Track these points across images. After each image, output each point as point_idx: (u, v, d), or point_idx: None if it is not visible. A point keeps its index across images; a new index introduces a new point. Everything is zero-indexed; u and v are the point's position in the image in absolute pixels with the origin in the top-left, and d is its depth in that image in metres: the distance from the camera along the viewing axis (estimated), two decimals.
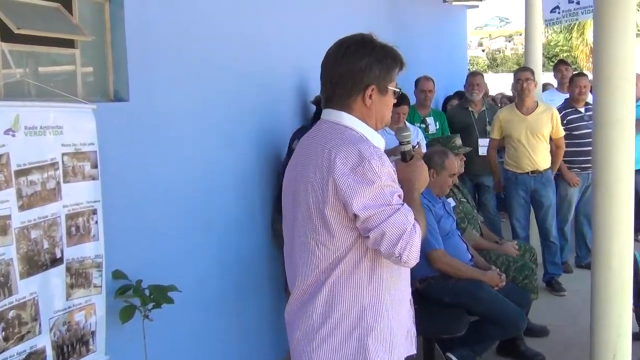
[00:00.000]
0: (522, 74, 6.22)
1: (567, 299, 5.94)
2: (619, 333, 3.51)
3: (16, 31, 2.59)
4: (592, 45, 14.40)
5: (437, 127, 6.64)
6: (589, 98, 6.55)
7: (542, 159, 6.05)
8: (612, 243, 3.50)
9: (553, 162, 6.21)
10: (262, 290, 4.38)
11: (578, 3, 7.19)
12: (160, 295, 3.04)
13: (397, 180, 2.20)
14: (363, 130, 2.24)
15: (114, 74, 3.15)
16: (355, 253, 2.20)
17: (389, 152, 5.25)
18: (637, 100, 6.34)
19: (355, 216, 2.11)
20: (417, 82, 6.71)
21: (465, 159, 5.01)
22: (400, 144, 2.38)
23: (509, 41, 61.61)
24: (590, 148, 5.94)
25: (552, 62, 7.09)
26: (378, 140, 2.27)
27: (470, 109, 6.83)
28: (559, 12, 7.29)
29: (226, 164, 3.99)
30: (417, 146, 4.64)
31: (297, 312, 2.32)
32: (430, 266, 4.14)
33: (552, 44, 32.62)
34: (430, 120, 6.61)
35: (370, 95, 2.23)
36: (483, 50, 59.81)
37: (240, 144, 4.14)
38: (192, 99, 3.62)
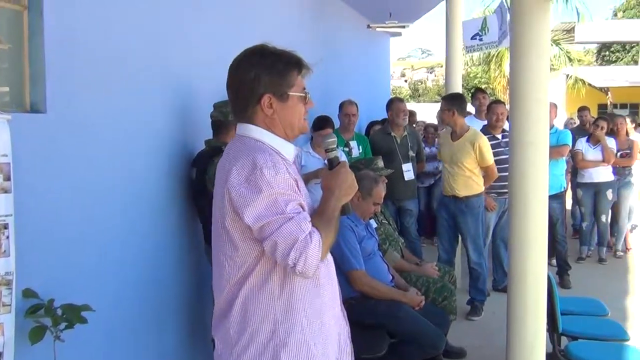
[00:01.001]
0: (445, 104, 6.33)
1: (484, 321, 6.05)
2: (533, 353, 3.59)
3: None
4: (509, 76, 15.01)
5: (360, 151, 6.67)
6: (506, 125, 6.74)
7: (460, 186, 6.11)
8: (527, 266, 3.58)
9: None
10: (183, 310, 4.28)
11: (481, 39, 7.47)
12: (73, 315, 2.92)
13: (298, 189, 2.16)
14: (270, 141, 2.23)
15: (30, 84, 3.04)
16: (264, 265, 2.16)
17: (312, 175, 5.26)
18: (550, 128, 6.66)
19: (249, 227, 2.08)
20: (341, 105, 6.75)
21: (386, 181, 5.05)
22: (326, 151, 2.35)
23: (431, 72, 63.08)
24: (507, 173, 6.13)
25: (472, 92, 7.39)
26: (288, 150, 2.26)
27: (392, 134, 6.87)
28: (479, 39, 7.54)
29: (145, 182, 3.90)
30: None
31: (218, 325, 2.27)
32: (351, 287, 4.14)
33: (471, 75, 33.64)
34: (353, 143, 6.65)
35: (271, 104, 2.22)
36: (405, 81, 61.03)
37: (160, 158, 4.07)
38: (112, 112, 3.53)
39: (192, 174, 4.24)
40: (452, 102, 6.25)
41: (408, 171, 6.71)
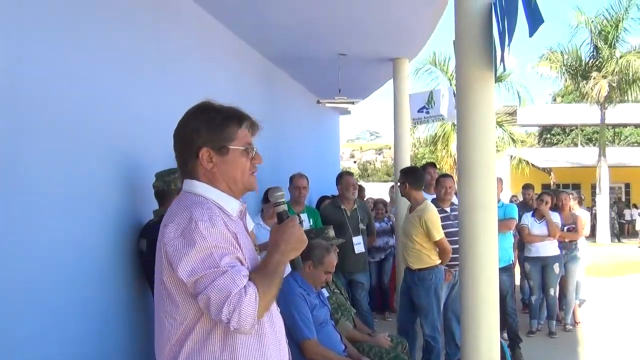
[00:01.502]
0: (400, 177, 6.41)
1: None
2: None
3: None
4: (455, 157, 15.33)
5: (311, 223, 6.67)
6: (454, 199, 6.85)
7: (413, 259, 6.11)
8: (480, 334, 3.56)
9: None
10: None
11: (428, 112, 7.73)
12: None
13: (237, 244, 2.11)
14: (212, 196, 2.19)
15: None
16: (204, 323, 2.09)
17: (263, 247, 5.22)
18: (498, 202, 6.79)
19: (184, 282, 2.03)
20: (291, 178, 6.79)
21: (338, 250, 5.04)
22: (274, 205, 2.32)
23: (379, 154, 64.34)
24: (456, 246, 6.20)
25: (422, 166, 7.56)
26: (231, 205, 2.23)
27: (342, 207, 6.92)
28: (425, 112, 7.77)
29: (96, 240, 3.79)
30: None
31: None
32: (303, 357, 4.07)
33: (418, 156, 34.31)
34: (304, 216, 6.64)
35: (211, 158, 2.20)
36: (355, 162, 62.05)
37: (106, 226, 3.98)
38: (56, 167, 3.44)
39: (142, 245, 4.14)
40: (405, 175, 6.34)
41: (358, 244, 6.73)
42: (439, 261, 6.15)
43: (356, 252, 6.70)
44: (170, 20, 5.15)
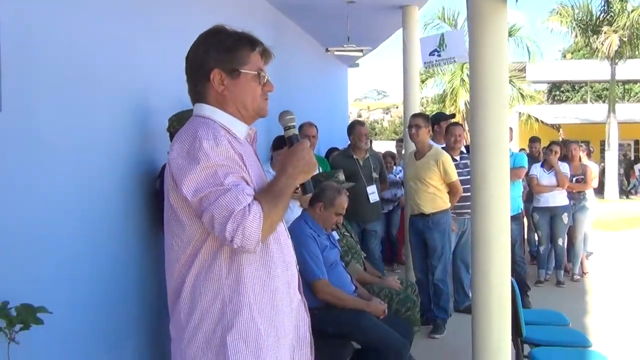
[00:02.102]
0: (412, 120, 6.38)
1: (446, 339, 6.03)
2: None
3: None
4: (463, 112, 15.30)
5: (319, 170, 6.67)
6: (463, 147, 6.83)
7: (426, 203, 6.15)
8: (490, 284, 3.56)
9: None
10: (143, 320, 4.18)
11: (439, 55, 7.64)
12: (28, 315, 2.82)
13: (243, 164, 2.08)
14: (219, 118, 2.17)
15: None
16: (211, 243, 2.08)
17: None
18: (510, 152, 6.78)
19: (188, 200, 2.01)
20: (300, 127, 6.72)
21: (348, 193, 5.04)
22: (285, 129, 2.29)
23: (387, 113, 64.05)
24: (465, 195, 6.22)
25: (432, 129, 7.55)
26: (239, 128, 2.21)
27: (355, 156, 6.87)
28: (437, 55, 7.70)
29: (103, 190, 3.84)
30: None
31: (171, 312, 2.20)
32: (314, 296, 4.10)
33: (427, 113, 34.17)
34: None
35: (222, 81, 2.18)
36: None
37: (120, 169, 4.02)
38: (70, 118, 3.49)
39: (157, 184, 4.18)
40: (415, 118, 6.37)
41: (372, 193, 6.70)
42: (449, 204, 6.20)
43: (371, 201, 6.69)
44: None
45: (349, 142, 7.17)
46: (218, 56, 2.17)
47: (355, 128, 7.05)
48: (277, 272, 2.19)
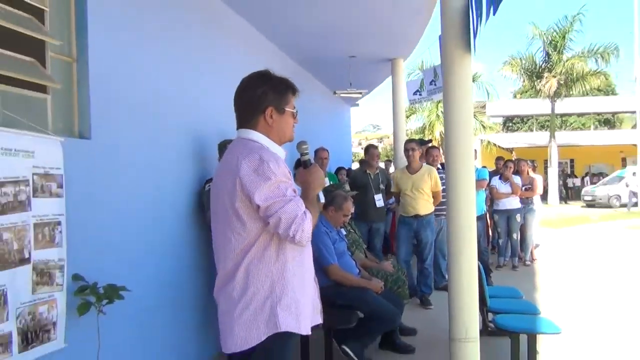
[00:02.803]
0: (409, 144, 6.35)
1: (429, 311, 5.98)
2: (470, 326, 3.50)
3: None
4: (438, 140, 15.23)
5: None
6: (439, 165, 6.82)
7: (421, 207, 6.12)
8: (462, 261, 3.52)
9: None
10: (199, 295, 4.17)
11: (435, 84, 7.63)
12: (113, 292, 2.84)
13: (291, 179, 2.15)
14: (266, 143, 2.21)
15: (79, 116, 3.02)
16: (264, 238, 2.12)
17: None
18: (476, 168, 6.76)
19: (258, 206, 2.06)
20: (316, 151, 6.79)
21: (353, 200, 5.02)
22: (301, 155, 2.34)
23: (380, 142, 64.04)
24: (443, 200, 6.20)
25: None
26: (279, 151, 2.24)
27: (368, 172, 6.87)
28: (419, 94, 7.72)
29: (170, 194, 3.86)
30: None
31: (221, 290, 2.21)
32: (327, 278, 4.08)
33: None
34: (326, 180, 6.61)
35: (271, 115, 2.22)
36: (361, 148, 61.86)
37: (181, 178, 4.05)
38: (141, 140, 3.52)
39: (207, 187, 4.17)
40: (411, 143, 6.37)
41: (379, 200, 6.68)
42: None
43: (377, 206, 6.67)
44: (223, 31, 5.16)
45: (365, 159, 7.16)
46: (273, 97, 2.23)
47: (369, 150, 7.08)
48: (306, 258, 2.27)
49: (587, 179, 28.97)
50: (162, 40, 3.86)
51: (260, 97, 2.22)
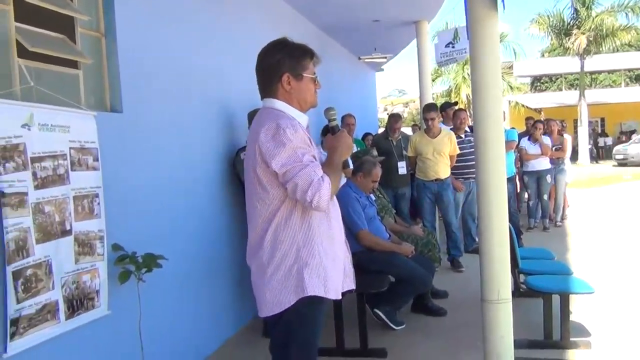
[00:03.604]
0: (428, 114, 6.27)
1: (460, 273, 5.98)
2: (501, 287, 3.49)
3: (30, 49, 2.49)
4: (464, 102, 14.99)
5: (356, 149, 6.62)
6: (467, 127, 6.71)
7: (442, 170, 6.10)
8: (493, 221, 3.49)
9: None
10: (232, 265, 4.24)
11: (454, 47, 7.45)
12: (151, 261, 2.91)
13: (310, 144, 2.13)
14: (287, 110, 2.20)
15: (110, 91, 3.05)
16: (287, 204, 2.13)
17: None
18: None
19: (276, 173, 2.07)
20: (342, 117, 6.73)
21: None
22: (329, 121, 2.33)
23: (406, 106, 63.25)
24: (470, 163, 6.14)
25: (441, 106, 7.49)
26: (302, 118, 2.23)
27: (390, 138, 6.79)
28: (452, 47, 7.52)
29: (201, 167, 3.91)
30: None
31: (252, 255, 2.24)
32: (358, 243, 4.10)
33: (437, 104, 33.55)
34: (353, 146, 6.59)
35: (289, 82, 2.20)
36: (387, 114, 61.20)
37: (211, 150, 4.08)
38: (171, 113, 3.55)
39: (240, 156, 4.20)
40: (429, 109, 6.31)
41: (402, 167, 6.60)
42: None
43: (400, 173, 6.60)
44: (249, 2, 5.12)
45: (386, 127, 7.10)
46: (289, 64, 2.20)
47: (392, 117, 7.04)
48: (333, 224, 2.26)
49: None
50: (186, 12, 3.85)
51: (275, 64, 2.20)
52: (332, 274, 2.19)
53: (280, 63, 2.20)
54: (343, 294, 2.31)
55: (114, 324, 2.82)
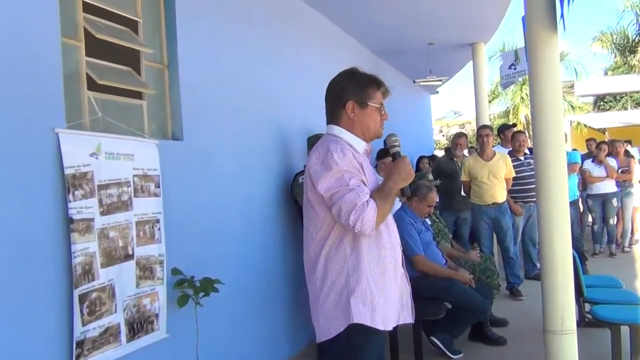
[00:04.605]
0: (483, 130, 6.21)
1: (520, 301, 5.77)
2: (565, 316, 3.35)
3: (99, 82, 2.63)
4: (523, 123, 14.59)
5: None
6: (526, 150, 6.53)
7: (499, 194, 5.93)
8: (555, 254, 3.37)
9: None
10: (289, 289, 4.26)
11: (515, 68, 7.32)
12: (208, 286, 2.96)
13: (360, 170, 2.10)
14: (347, 137, 2.20)
15: (172, 119, 3.17)
16: (338, 228, 2.12)
17: None
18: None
19: (322, 195, 2.07)
20: (386, 137, 6.68)
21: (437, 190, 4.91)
22: (391, 147, 2.32)
23: (462, 128, 62.35)
24: (530, 186, 5.96)
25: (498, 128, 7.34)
26: (359, 145, 2.22)
27: (454, 159, 6.70)
28: (514, 69, 7.42)
29: (257, 193, 3.96)
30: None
31: (309, 278, 2.24)
32: (414, 269, 4.03)
33: (495, 125, 32.91)
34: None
35: (353, 110, 2.20)
36: (443, 135, 60.52)
37: (267, 176, 4.13)
38: (229, 139, 3.63)
39: (299, 180, 4.22)
40: (484, 128, 6.26)
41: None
42: None
43: (462, 194, 6.37)
44: (302, 28, 5.21)
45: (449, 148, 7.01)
46: (354, 91, 2.21)
47: (454, 139, 6.95)
48: (387, 252, 2.21)
49: None
50: (245, 42, 3.96)
51: (341, 91, 2.22)
52: (381, 303, 2.14)
53: (346, 90, 2.22)
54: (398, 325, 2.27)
55: (172, 347, 2.88)
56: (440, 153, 10.38)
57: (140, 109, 2.99)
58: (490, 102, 23.06)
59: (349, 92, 2.21)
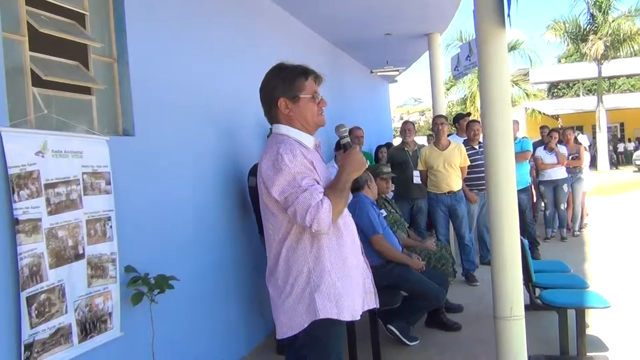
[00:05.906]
0: (438, 119, 6.31)
1: (475, 286, 5.92)
2: (514, 302, 3.46)
3: (44, 78, 2.55)
4: (480, 111, 14.87)
5: (367, 165, 6.58)
6: (481, 138, 6.66)
7: (455, 182, 6.07)
8: (504, 243, 3.47)
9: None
10: (244, 284, 4.26)
11: (470, 60, 7.42)
12: (163, 282, 2.93)
13: (312, 168, 2.11)
14: (292, 134, 2.21)
15: (122, 115, 3.10)
16: (296, 229, 2.14)
17: None
18: (515, 139, 6.59)
19: (276, 199, 2.09)
20: (350, 130, 6.67)
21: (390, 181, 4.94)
22: (340, 138, 2.33)
23: (422, 115, 63.06)
24: (484, 174, 6.08)
25: (454, 117, 7.39)
26: (307, 140, 2.23)
27: (406, 149, 6.73)
28: (469, 60, 7.49)
29: (211, 187, 3.93)
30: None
31: (269, 277, 2.25)
32: (372, 248, 4.05)
33: (452, 113, 33.41)
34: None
35: (287, 106, 2.21)
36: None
37: (220, 170, 4.10)
38: (182, 134, 3.58)
39: (251, 182, 4.19)
40: (440, 117, 6.36)
41: (417, 177, 6.50)
42: None
43: (414, 182, 6.47)
44: (262, 22, 5.17)
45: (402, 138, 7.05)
46: (283, 88, 2.21)
47: (402, 127, 7.01)
48: (346, 244, 2.23)
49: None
50: (201, 36, 3.90)
51: (271, 91, 2.23)
52: (346, 295, 2.17)
53: (276, 88, 2.22)
54: (363, 313, 2.31)
55: (127, 346, 2.85)
56: (398, 140, 10.51)
57: (89, 105, 2.92)
58: (448, 89, 23.44)
59: (278, 89, 2.21)
